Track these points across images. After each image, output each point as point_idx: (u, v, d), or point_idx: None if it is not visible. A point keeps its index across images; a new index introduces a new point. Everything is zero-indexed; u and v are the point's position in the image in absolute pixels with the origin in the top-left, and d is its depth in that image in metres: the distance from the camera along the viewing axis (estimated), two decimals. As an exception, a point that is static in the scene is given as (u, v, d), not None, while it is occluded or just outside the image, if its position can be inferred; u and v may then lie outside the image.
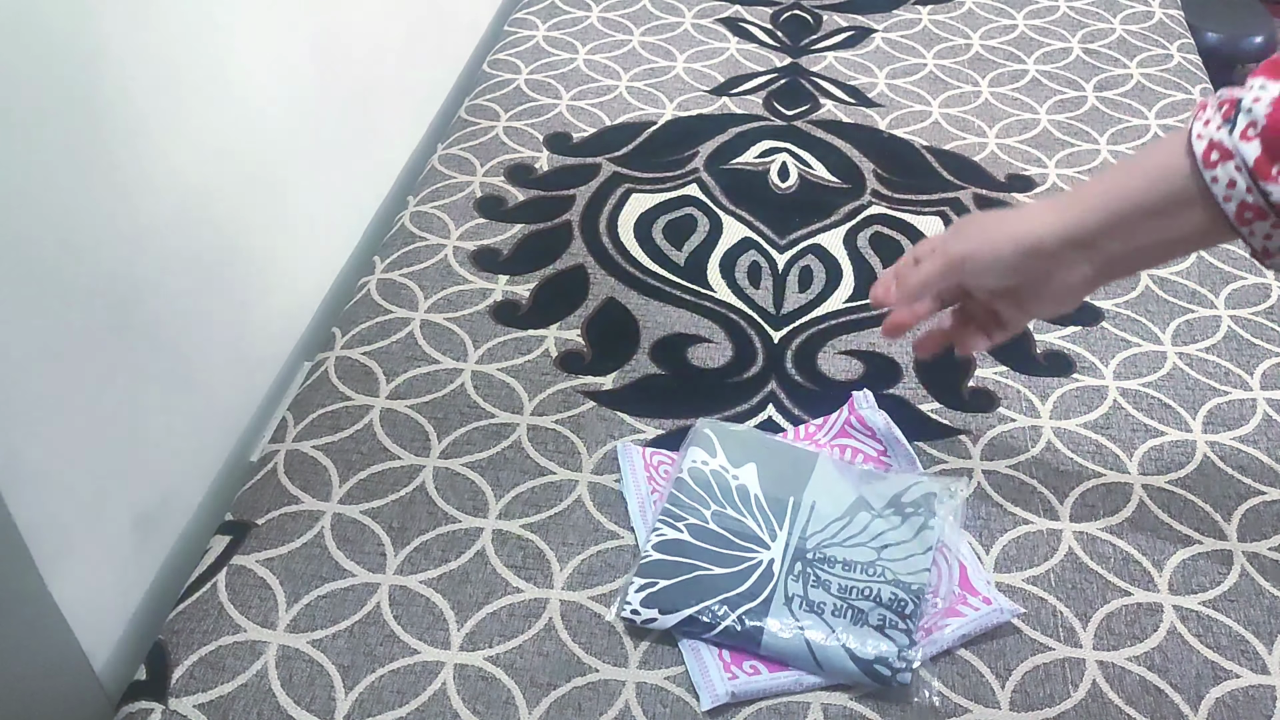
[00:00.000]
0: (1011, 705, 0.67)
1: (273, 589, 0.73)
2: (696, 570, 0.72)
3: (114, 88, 0.69)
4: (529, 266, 1.00)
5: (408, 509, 0.78)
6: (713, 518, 0.75)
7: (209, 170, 0.81)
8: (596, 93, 1.23)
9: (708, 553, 0.73)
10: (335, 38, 0.99)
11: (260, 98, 0.87)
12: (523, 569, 0.75)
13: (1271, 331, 0.92)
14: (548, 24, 1.36)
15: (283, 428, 0.85)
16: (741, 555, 0.73)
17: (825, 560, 0.72)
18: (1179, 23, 1.36)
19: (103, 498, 0.72)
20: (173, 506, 0.81)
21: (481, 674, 0.69)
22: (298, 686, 0.68)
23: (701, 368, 0.90)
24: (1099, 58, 1.29)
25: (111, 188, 0.70)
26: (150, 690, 0.68)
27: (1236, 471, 0.81)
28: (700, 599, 0.70)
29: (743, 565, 0.72)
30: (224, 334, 0.85)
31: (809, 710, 0.67)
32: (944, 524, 0.74)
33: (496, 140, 1.16)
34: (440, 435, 0.84)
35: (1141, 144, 1.14)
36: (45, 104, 0.63)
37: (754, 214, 1.06)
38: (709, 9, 1.40)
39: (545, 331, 0.93)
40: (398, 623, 0.71)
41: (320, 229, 1.02)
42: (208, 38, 0.79)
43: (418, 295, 0.97)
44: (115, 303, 0.71)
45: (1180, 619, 0.71)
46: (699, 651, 0.69)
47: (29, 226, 0.63)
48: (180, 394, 0.80)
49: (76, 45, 0.65)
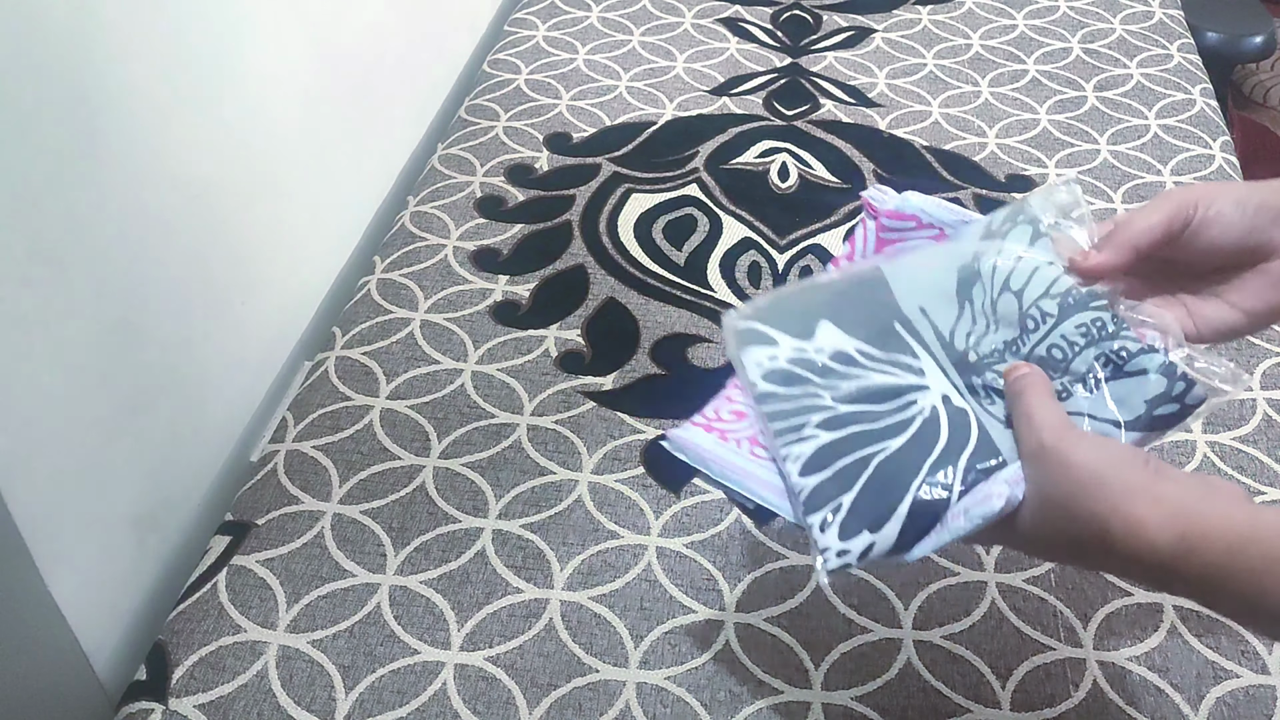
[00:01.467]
0: (1012, 705, 0.67)
1: (273, 589, 0.73)
2: (873, 458, 0.54)
3: (114, 87, 0.69)
4: (529, 266, 1.00)
5: (408, 509, 0.78)
6: (837, 400, 0.57)
7: (208, 170, 0.81)
8: (596, 93, 1.23)
9: (867, 434, 0.55)
10: (335, 38, 0.99)
11: (260, 98, 0.87)
12: (523, 569, 0.75)
13: (1271, 331, 0.92)
14: (548, 24, 1.36)
15: (283, 428, 0.85)
16: (905, 411, 0.56)
17: (992, 354, 0.57)
18: (1179, 23, 1.36)
19: (103, 498, 0.72)
20: (173, 506, 0.81)
21: (482, 674, 0.69)
22: (298, 687, 0.68)
23: (701, 368, 0.90)
24: (1099, 58, 1.29)
25: (111, 188, 0.70)
26: (150, 690, 0.68)
27: (1236, 471, 0.81)
28: (905, 483, 0.53)
29: (917, 421, 0.55)
30: (224, 334, 0.85)
31: (809, 710, 0.67)
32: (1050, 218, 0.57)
33: (496, 140, 1.16)
34: (440, 435, 0.84)
35: (1141, 144, 1.14)
36: (44, 103, 0.63)
37: (754, 214, 1.06)
38: (709, 9, 1.40)
39: (545, 331, 0.93)
40: (398, 623, 0.71)
41: (320, 229, 1.02)
42: (208, 38, 0.79)
43: (418, 295, 0.97)
44: (115, 302, 0.71)
45: (1180, 619, 0.71)
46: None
47: (29, 226, 0.63)
48: (180, 394, 0.80)
49: (76, 45, 0.65)
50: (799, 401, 0.58)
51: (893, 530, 0.52)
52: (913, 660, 0.69)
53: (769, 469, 0.57)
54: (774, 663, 0.69)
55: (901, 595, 0.73)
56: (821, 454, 0.55)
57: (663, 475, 0.81)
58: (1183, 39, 1.33)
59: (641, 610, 0.72)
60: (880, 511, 0.52)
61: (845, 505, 0.53)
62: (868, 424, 0.56)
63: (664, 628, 0.71)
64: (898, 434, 0.55)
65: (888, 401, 0.56)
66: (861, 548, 0.52)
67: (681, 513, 0.78)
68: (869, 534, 0.52)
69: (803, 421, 0.57)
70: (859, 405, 0.56)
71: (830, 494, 0.54)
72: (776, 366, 0.59)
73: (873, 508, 0.53)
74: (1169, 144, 1.14)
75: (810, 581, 0.74)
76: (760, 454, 0.58)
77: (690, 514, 0.78)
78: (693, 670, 0.69)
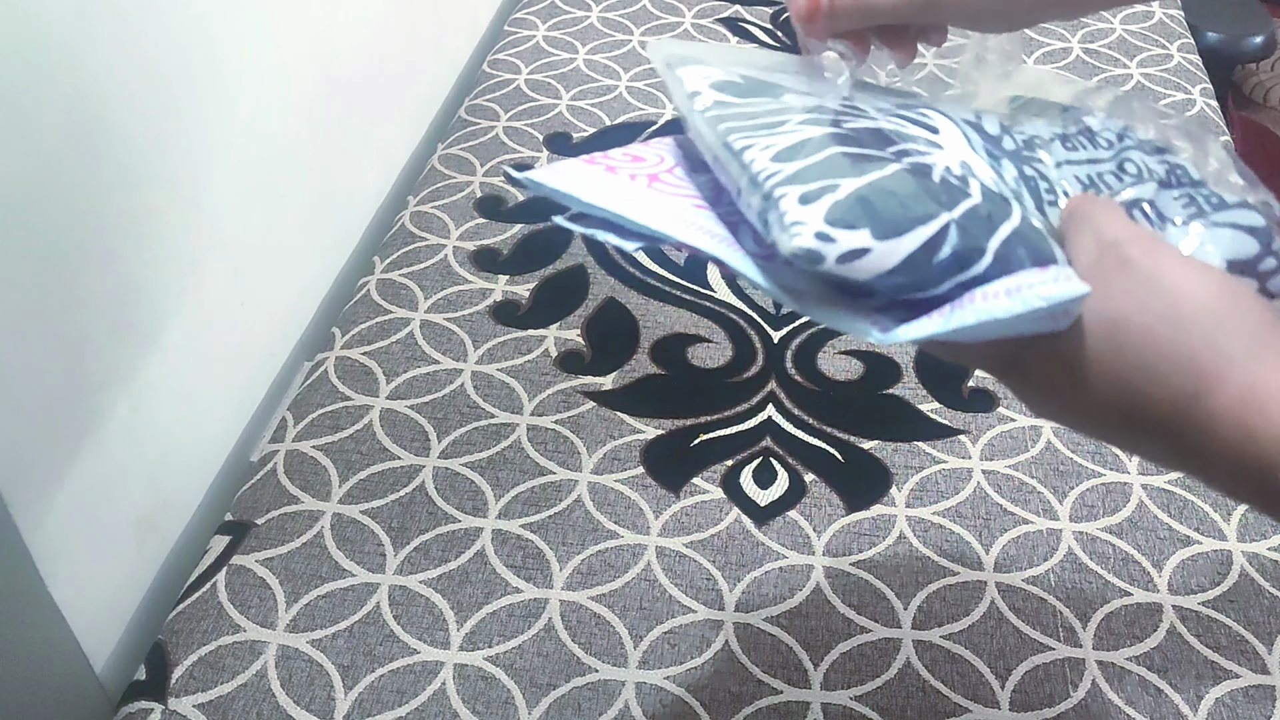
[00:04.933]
0: (1011, 705, 0.67)
1: (272, 589, 0.73)
2: (888, 163, 0.39)
3: (112, 87, 0.69)
4: (529, 266, 1.00)
5: (408, 509, 0.78)
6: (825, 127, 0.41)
7: (208, 169, 0.81)
8: (596, 93, 1.23)
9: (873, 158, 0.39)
10: (335, 37, 0.99)
11: (259, 97, 0.87)
12: (523, 569, 0.75)
13: (1271, 331, 0.92)
14: (548, 24, 1.36)
15: (283, 428, 0.85)
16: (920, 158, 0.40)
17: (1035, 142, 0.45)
18: (1179, 23, 1.36)
19: (103, 498, 0.72)
20: (173, 506, 0.81)
21: (481, 674, 0.69)
22: (297, 686, 0.68)
23: (701, 368, 0.90)
24: (1099, 58, 1.29)
25: (109, 187, 0.70)
26: (150, 690, 0.68)
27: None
28: (931, 207, 0.37)
29: (937, 170, 0.40)
30: (224, 334, 0.85)
31: (808, 709, 0.67)
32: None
33: (496, 140, 1.16)
34: (440, 435, 0.84)
35: (1141, 144, 1.14)
36: (43, 103, 0.63)
37: (754, 214, 1.06)
38: (709, 9, 1.40)
39: (545, 331, 0.93)
40: (397, 623, 0.71)
41: (320, 229, 1.02)
42: (208, 37, 0.79)
43: (418, 295, 0.97)
44: (115, 302, 0.71)
45: (1180, 619, 0.71)
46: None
47: (28, 226, 0.63)
48: (180, 394, 0.80)
49: (74, 45, 0.65)
50: (766, 112, 0.42)
51: (907, 246, 0.36)
52: (912, 660, 0.69)
53: (680, 204, 0.42)
54: (773, 662, 0.69)
55: (901, 595, 0.73)
56: (807, 146, 0.39)
57: (663, 475, 0.81)
58: (1183, 39, 1.33)
59: (641, 610, 0.72)
60: (895, 218, 0.36)
61: (845, 190, 0.37)
62: (873, 152, 0.39)
63: (663, 627, 0.71)
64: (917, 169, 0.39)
65: (892, 146, 0.41)
66: (851, 246, 0.35)
67: (681, 513, 0.78)
68: (870, 236, 0.36)
69: (777, 120, 0.41)
70: (853, 145, 0.40)
71: (821, 174, 0.37)
72: (730, 79, 0.44)
73: (886, 210, 0.36)
74: (1169, 144, 1.14)
75: (810, 581, 0.74)
76: (667, 187, 0.43)
77: (690, 514, 0.78)
78: (692, 670, 0.69)
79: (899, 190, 0.37)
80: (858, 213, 0.36)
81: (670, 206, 0.42)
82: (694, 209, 0.42)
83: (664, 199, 0.42)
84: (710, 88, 0.44)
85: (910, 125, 0.43)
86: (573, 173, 0.43)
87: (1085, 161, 0.43)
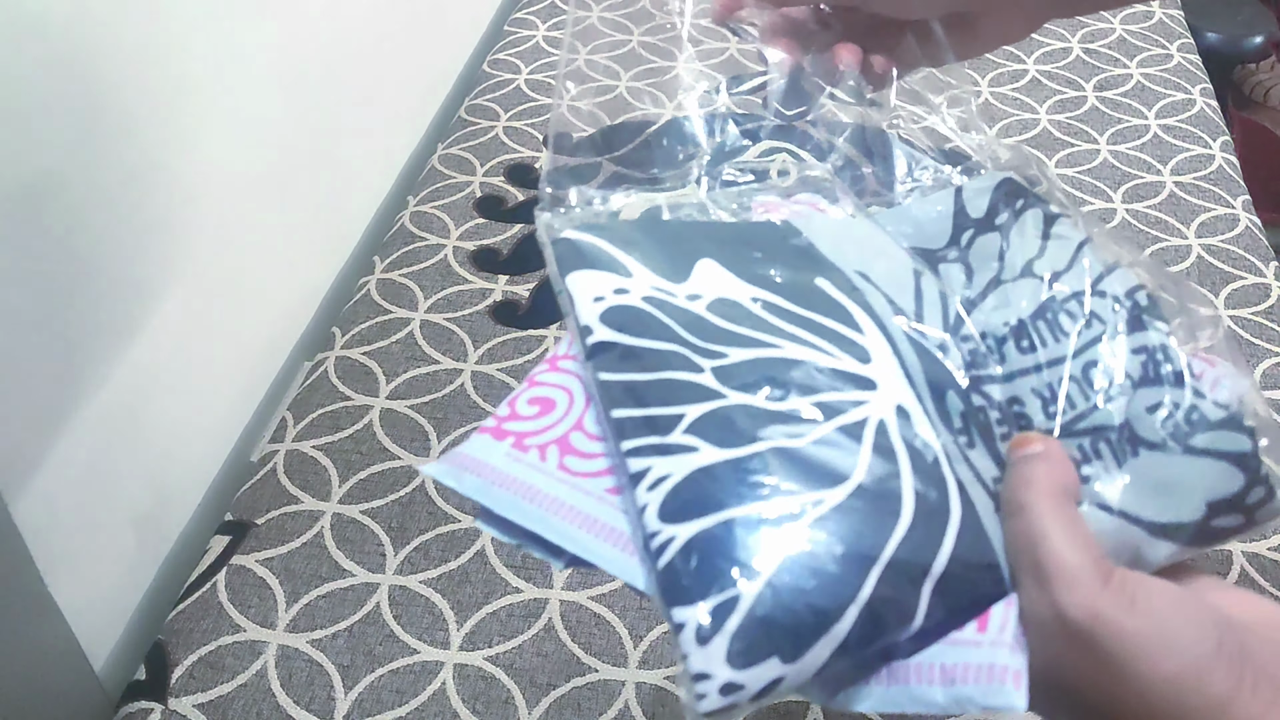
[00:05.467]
0: (1011, 705, 0.67)
1: (272, 589, 0.73)
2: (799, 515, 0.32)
3: (114, 87, 0.69)
4: (529, 266, 1.00)
5: (407, 509, 0.78)
6: (722, 379, 0.35)
7: (207, 169, 0.81)
8: (596, 93, 1.23)
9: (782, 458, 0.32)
10: (335, 36, 0.99)
11: (259, 97, 0.87)
12: (522, 569, 0.75)
13: (1271, 331, 0.92)
14: (548, 24, 1.36)
15: (283, 428, 0.85)
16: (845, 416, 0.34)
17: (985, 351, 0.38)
18: (1179, 23, 1.36)
19: (103, 498, 0.72)
20: (173, 506, 0.81)
21: (481, 674, 0.69)
22: (297, 686, 0.68)
23: (701, 368, 0.89)
24: (1099, 58, 1.29)
25: (110, 187, 0.70)
26: (150, 690, 0.68)
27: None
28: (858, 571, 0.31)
29: (865, 443, 0.33)
30: (223, 334, 0.85)
31: (808, 710, 0.67)
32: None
33: (496, 140, 1.16)
34: (440, 435, 0.84)
35: (1141, 144, 1.14)
36: (43, 103, 0.63)
37: (754, 214, 1.06)
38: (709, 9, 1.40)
39: (545, 332, 0.93)
40: (397, 623, 0.71)
41: (320, 228, 1.02)
42: (207, 37, 0.79)
43: (417, 295, 0.97)
44: (115, 302, 0.71)
45: (1180, 619, 0.71)
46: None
47: (29, 227, 0.63)
48: (180, 394, 0.80)
49: (75, 41, 0.65)
50: (658, 369, 0.35)
51: (820, 655, 0.30)
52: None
53: (592, 496, 0.35)
54: (773, 663, 0.69)
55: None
56: (699, 483, 0.32)
57: (662, 475, 0.81)
58: (1183, 39, 1.33)
59: (641, 610, 0.72)
60: (804, 620, 0.30)
61: (744, 601, 0.30)
62: (782, 435, 0.33)
63: (663, 627, 0.71)
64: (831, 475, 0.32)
65: (810, 395, 0.33)
66: (763, 683, 0.30)
67: (681, 513, 0.78)
68: (779, 662, 0.30)
69: (668, 414, 0.34)
70: (758, 394, 0.33)
71: (716, 569, 0.31)
72: (624, 303, 0.37)
73: (792, 608, 0.30)
74: (1169, 144, 1.14)
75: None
76: (577, 467, 0.35)
77: (690, 514, 0.78)
78: (692, 670, 0.69)
79: (814, 558, 0.31)
80: (761, 638, 0.30)
81: (583, 506, 0.34)
82: (605, 502, 0.35)
83: (575, 494, 0.35)
84: (599, 319, 0.37)
85: (833, 348, 0.36)
86: (476, 465, 0.36)
87: (1045, 365, 0.36)
